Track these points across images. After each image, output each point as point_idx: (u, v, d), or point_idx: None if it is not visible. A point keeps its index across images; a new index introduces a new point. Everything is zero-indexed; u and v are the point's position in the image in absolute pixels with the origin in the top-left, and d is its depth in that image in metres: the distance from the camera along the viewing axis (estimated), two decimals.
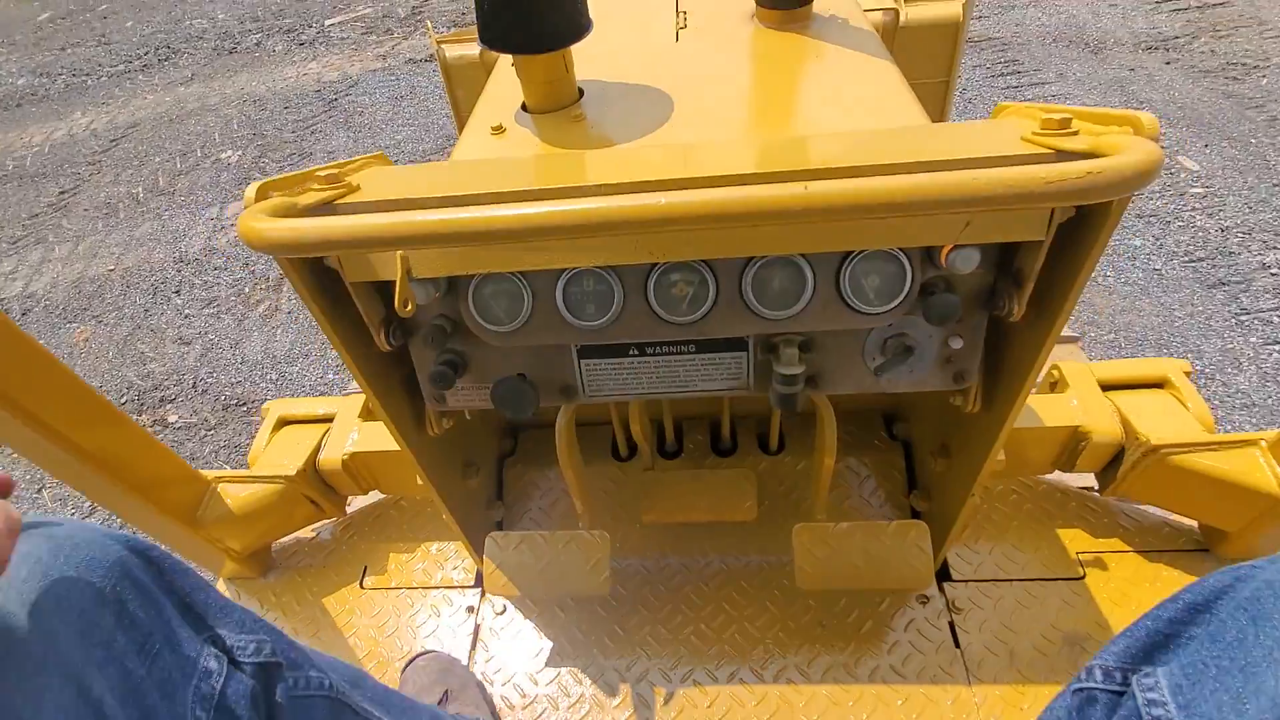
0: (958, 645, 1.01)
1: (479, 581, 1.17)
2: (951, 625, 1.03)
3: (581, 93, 0.87)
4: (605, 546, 0.98)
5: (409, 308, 0.66)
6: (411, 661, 1.04)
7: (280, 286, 2.85)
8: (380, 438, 1.13)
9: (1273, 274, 2.24)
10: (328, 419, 1.19)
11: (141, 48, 4.49)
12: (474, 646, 1.09)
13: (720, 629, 1.07)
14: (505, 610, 1.13)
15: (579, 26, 0.78)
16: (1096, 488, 1.10)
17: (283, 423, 1.20)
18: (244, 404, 2.46)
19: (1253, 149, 2.63)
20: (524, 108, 0.86)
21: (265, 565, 1.22)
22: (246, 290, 2.86)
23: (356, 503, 1.30)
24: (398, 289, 0.65)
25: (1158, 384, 1.08)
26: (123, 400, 2.38)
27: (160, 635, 0.51)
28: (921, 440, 1.13)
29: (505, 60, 1.05)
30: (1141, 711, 0.45)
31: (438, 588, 1.17)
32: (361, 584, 1.19)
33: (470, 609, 1.14)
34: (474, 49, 1.42)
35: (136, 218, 3.22)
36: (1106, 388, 1.06)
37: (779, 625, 1.06)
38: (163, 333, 2.73)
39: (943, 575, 1.08)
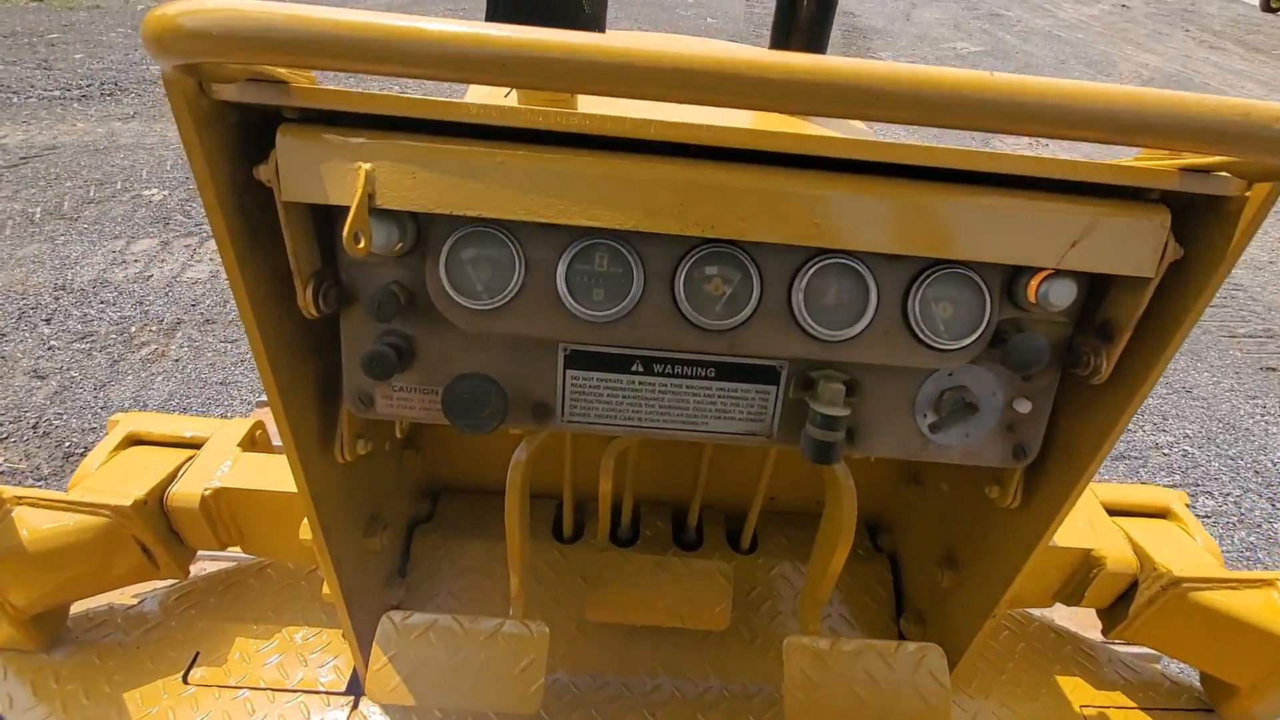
0: None
1: (354, 686, 0.88)
2: None
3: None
4: (543, 644, 0.74)
5: (361, 245, 0.49)
6: None
7: (174, 331, 2.53)
8: (259, 474, 0.88)
9: (1164, 454, 2.48)
10: (194, 444, 0.93)
11: (86, 80, 4.30)
12: None
13: None
14: None
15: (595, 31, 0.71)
16: (1100, 628, 0.97)
17: (133, 441, 0.93)
18: None
19: None
20: None
21: (54, 636, 0.89)
22: (133, 330, 2.53)
23: (205, 565, 1.01)
24: (351, 216, 0.48)
25: (1160, 514, 0.99)
26: None
27: None
28: (917, 552, 0.97)
29: None
30: None
31: (294, 691, 0.87)
32: (186, 678, 0.88)
33: None
34: None
35: (24, 237, 2.87)
36: (1110, 512, 0.97)
37: None
38: (15, 362, 2.33)
39: None
